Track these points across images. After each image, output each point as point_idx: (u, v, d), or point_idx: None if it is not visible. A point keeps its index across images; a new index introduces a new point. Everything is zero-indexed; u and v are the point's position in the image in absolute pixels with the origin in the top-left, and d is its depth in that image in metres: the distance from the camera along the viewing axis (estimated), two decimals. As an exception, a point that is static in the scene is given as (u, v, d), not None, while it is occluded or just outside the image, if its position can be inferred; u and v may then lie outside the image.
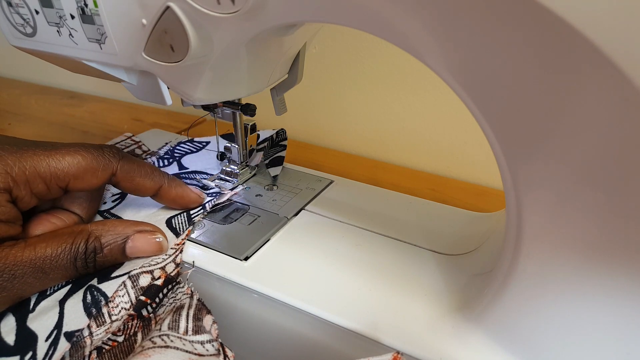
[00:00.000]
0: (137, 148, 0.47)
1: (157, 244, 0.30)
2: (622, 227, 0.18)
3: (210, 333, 0.25)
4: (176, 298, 0.28)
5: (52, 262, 0.27)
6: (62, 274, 0.27)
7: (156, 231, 0.31)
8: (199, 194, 0.35)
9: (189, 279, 0.29)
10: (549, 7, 0.15)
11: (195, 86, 0.29)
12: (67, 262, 0.27)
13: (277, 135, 0.44)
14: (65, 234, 0.28)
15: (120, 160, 0.31)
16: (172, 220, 0.33)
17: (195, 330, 0.25)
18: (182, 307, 0.26)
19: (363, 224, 0.34)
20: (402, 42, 0.21)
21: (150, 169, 0.32)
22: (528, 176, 0.19)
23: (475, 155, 0.51)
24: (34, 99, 0.75)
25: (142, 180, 0.32)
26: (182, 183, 0.34)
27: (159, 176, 0.33)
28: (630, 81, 0.15)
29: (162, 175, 0.33)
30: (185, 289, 0.28)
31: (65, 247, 0.27)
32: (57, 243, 0.27)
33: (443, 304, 0.26)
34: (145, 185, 0.32)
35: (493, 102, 0.19)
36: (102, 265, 0.29)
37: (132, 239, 0.29)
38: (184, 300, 0.27)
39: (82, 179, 0.29)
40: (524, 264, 0.21)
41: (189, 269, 0.30)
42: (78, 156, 0.29)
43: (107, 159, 0.30)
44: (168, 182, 0.33)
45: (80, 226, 0.29)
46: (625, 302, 0.19)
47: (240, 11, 0.22)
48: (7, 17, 0.30)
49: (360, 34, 0.49)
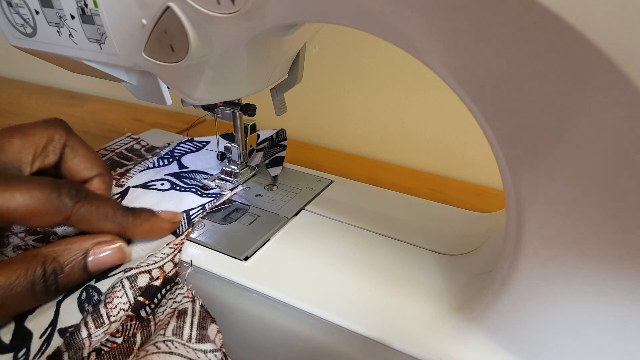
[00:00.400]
0: (135, 144, 0.48)
1: (118, 251, 0.29)
2: (622, 227, 0.18)
3: (214, 342, 0.25)
4: (175, 300, 0.28)
5: (5, 291, 0.25)
6: (19, 303, 0.26)
7: (114, 239, 0.30)
8: (171, 219, 0.33)
9: (188, 279, 0.29)
10: (549, 7, 0.15)
11: (195, 86, 0.29)
12: (24, 289, 0.26)
13: (277, 136, 0.44)
14: (18, 260, 0.26)
15: (77, 202, 0.28)
16: None
17: (199, 338, 0.25)
18: (185, 312, 0.26)
19: (363, 224, 0.34)
20: (402, 42, 0.21)
21: (113, 210, 0.30)
22: (528, 176, 0.19)
23: (475, 155, 0.51)
24: (34, 99, 0.75)
25: (102, 224, 0.29)
26: (151, 215, 0.32)
27: (121, 217, 0.30)
28: (630, 80, 0.15)
29: (126, 215, 0.30)
30: (186, 291, 0.28)
31: (19, 274, 0.25)
32: (10, 271, 0.25)
33: (443, 304, 0.26)
34: (105, 229, 0.30)
35: (493, 102, 0.19)
36: (65, 286, 0.28)
37: (92, 252, 0.28)
38: (186, 304, 0.27)
39: (28, 220, 0.27)
40: (524, 264, 0.21)
41: (187, 269, 0.30)
42: (29, 195, 0.27)
43: (62, 201, 0.28)
44: (133, 221, 0.31)
45: (34, 251, 0.27)
46: (625, 302, 0.19)
47: (240, 11, 0.22)
48: (7, 17, 0.30)
49: (360, 34, 0.49)
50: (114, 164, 0.43)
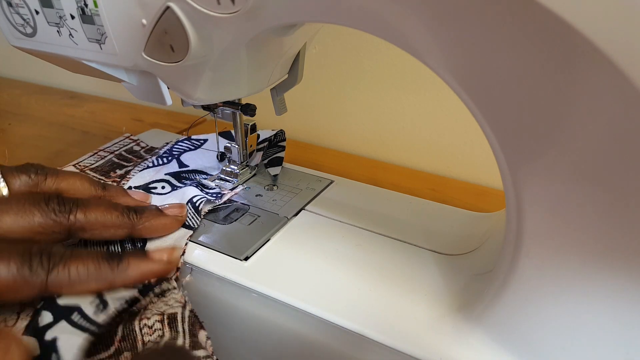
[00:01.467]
0: (135, 145, 0.48)
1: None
2: (622, 227, 0.18)
3: (205, 349, 0.25)
4: (167, 303, 0.27)
5: None
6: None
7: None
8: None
9: (185, 286, 0.29)
10: (549, 7, 0.15)
11: (195, 86, 0.29)
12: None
13: (276, 137, 0.44)
14: None
15: (52, 270, 0.25)
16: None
17: (192, 345, 0.25)
18: (175, 318, 0.26)
19: (363, 224, 0.34)
20: (402, 42, 0.21)
21: (96, 264, 0.26)
22: (528, 176, 0.19)
23: (475, 155, 0.51)
24: (34, 99, 0.75)
25: (85, 286, 0.26)
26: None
27: (106, 271, 0.26)
28: (630, 80, 0.15)
29: (111, 268, 0.26)
30: (179, 297, 0.28)
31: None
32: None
33: (443, 304, 0.26)
34: (90, 289, 0.26)
35: (493, 102, 0.19)
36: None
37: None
38: (176, 308, 0.27)
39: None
40: (524, 264, 0.21)
41: (186, 275, 0.30)
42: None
43: (34, 271, 0.24)
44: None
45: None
46: (625, 302, 0.19)
47: (240, 11, 0.22)
48: (7, 17, 0.30)
49: (360, 34, 0.49)
50: (114, 165, 0.43)
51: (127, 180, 0.40)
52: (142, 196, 0.35)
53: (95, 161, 0.44)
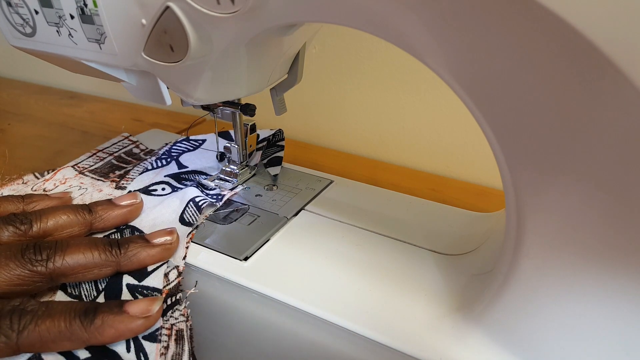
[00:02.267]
0: (134, 147, 0.48)
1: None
2: (622, 227, 0.18)
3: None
4: (173, 315, 0.27)
5: None
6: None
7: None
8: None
9: (188, 297, 0.29)
10: (549, 8, 0.15)
11: (195, 86, 0.29)
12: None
13: (274, 136, 0.44)
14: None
15: (23, 331, 0.24)
16: (184, 215, 0.33)
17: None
18: (182, 336, 0.26)
19: (363, 224, 0.34)
20: (402, 42, 0.21)
21: (66, 325, 0.24)
22: (528, 176, 0.19)
23: (475, 155, 0.51)
24: (33, 99, 0.75)
25: (58, 345, 0.25)
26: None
27: (79, 330, 0.24)
28: (632, 84, 0.15)
29: (84, 326, 0.25)
30: (182, 309, 0.28)
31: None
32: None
33: (443, 304, 0.26)
34: (64, 349, 0.25)
35: (493, 103, 0.19)
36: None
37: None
38: (182, 323, 0.27)
39: None
40: (524, 264, 0.21)
41: (192, 287, 0.29)
42: None
43: (4, 333, 0.23)
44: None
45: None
46: (625, 302, 0.19)
47: (240, 11, 0.22)
48: (7, 17, 0.30)
49: (360, 34, 0.49)
50: (113, 167, 0.43)
51: (127, 180, 0.40)
52: (130, 197, 0.34)
53: (95, 162, 0.44)
